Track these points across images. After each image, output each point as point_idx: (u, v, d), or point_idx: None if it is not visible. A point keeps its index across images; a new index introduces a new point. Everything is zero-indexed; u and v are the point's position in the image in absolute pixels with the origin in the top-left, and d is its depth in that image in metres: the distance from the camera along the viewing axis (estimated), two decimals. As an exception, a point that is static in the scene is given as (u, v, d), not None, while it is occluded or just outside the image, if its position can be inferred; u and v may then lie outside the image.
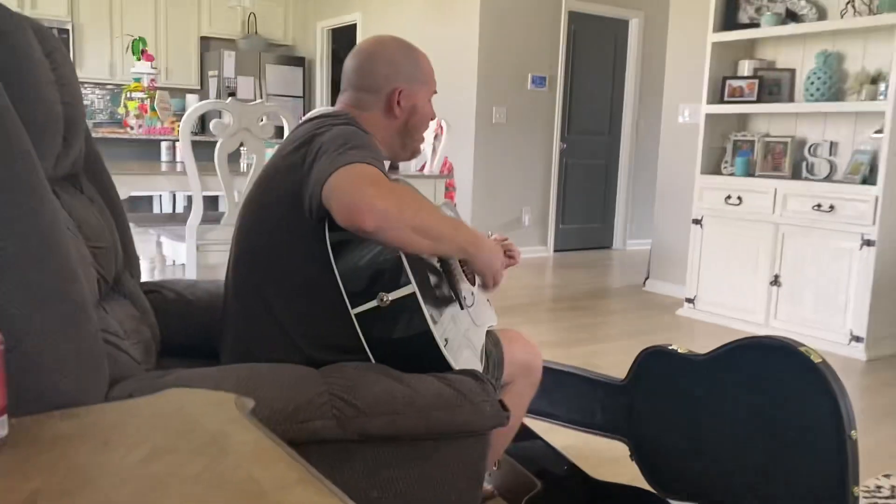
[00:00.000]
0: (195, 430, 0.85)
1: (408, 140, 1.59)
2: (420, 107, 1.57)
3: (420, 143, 1.63)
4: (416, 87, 1.55)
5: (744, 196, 4.24)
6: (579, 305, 4.76)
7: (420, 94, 1.57)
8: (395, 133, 1.56)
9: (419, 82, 1.56)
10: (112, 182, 1.65)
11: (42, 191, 1.01)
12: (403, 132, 1.57)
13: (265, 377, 1.19)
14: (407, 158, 1.65)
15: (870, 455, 2.51)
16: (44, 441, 0.81)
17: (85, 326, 1.03)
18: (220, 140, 3.12)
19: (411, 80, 1.54)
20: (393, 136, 1.56)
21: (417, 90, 1.56)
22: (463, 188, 6.39)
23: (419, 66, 1.57)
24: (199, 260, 3.26)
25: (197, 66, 8.42)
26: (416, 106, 1.56)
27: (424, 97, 1.58)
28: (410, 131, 1.58)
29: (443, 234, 1.31)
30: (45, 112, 1.17)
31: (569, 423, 2.06)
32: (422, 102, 1.57)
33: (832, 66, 3.98)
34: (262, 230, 1.43)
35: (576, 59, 6.87)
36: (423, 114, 1.58)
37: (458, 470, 1.28)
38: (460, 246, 1.36)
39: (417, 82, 1.56)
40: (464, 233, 1.37)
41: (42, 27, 1.27)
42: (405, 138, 1.58)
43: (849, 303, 3.78)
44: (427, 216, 1.28)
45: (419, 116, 1.57)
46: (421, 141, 1.63)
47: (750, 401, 1.61)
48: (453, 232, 1.34)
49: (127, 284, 1.56)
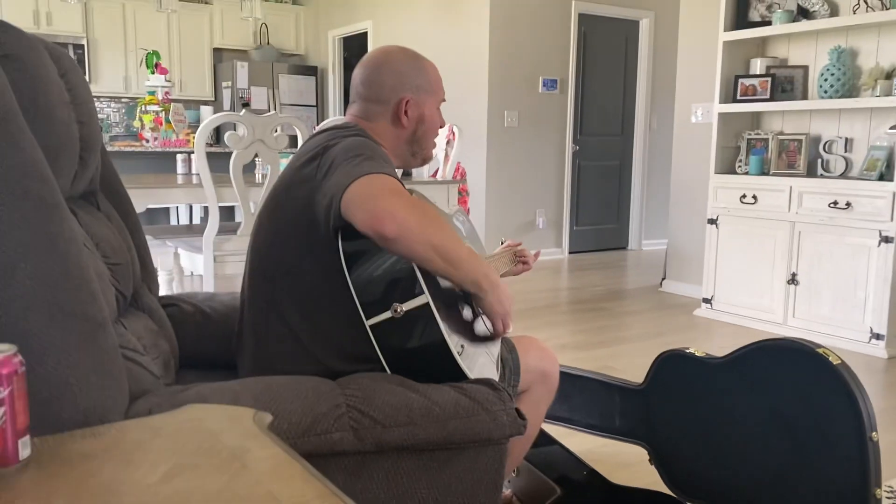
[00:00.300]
0: (215, 446, 0.86)
1: (417, 149, 1.60)
2: (428, 116, 1.58)
3: (430, 151, 1.64)
4: (423, 96, 1.56)
5: (759, 195, 4.21)
6: (596, 307, 4.75)
7: (428, 103, 1.58)
8: (404, 143, 1.57)
9: (426, 92, 1.57)
10: (128, 197, 1.67)
11: (60, 210, 1.03)
12: (412, 141, 1.58)
13: (282, 390, 1.20)
14: (418, 165, 1.66)
15: (893, 454, 2.48)
16: (67, 460, 0.82)
17: (104, 344, 1.04)
18: (235, 152, 3.14)
19: (418, 90, 1.55)
20: (402, 145, 1.57)
21: (425, 99, 1.57)
22: (476, 193, 6.39)
23: (426, 76, 1.58)
24: (216, 270, 3.29)
25: (210, 77, 8.49)
26: (423, 115, 1.57)
27: (432, 106, 1.59)
28: (419, 140, 1.59)
29: (460, 260, 1.31)
30: (61, 132, 1.19)
31: (587, 428, 2.06)
32: (430, 111, 1.58)
33: (845, 62, 3.95)
34: (276, 243, 1.45)
35: (587, 61, 6.86)
36: (431, 122, 1.59)
37: (476, 479, 1.28)
38: (474, 279, 1.35)
39: (424, 92, 1.57)
40: (482, 267, 1.37)
41: (56, 48, 1.29)
42: (414, 147, 1.59)
43: (868, 300, 3.75)
44: (448, 238, 1.29)
45: (427, 125, 1.58)
46: (432, 148, 1.64)
47: (768, 403, 1.60)
48: (470, 262, 1.34)
49: (145, 299, 1.58)
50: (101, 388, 1.02)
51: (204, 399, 1.17)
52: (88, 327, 1.02)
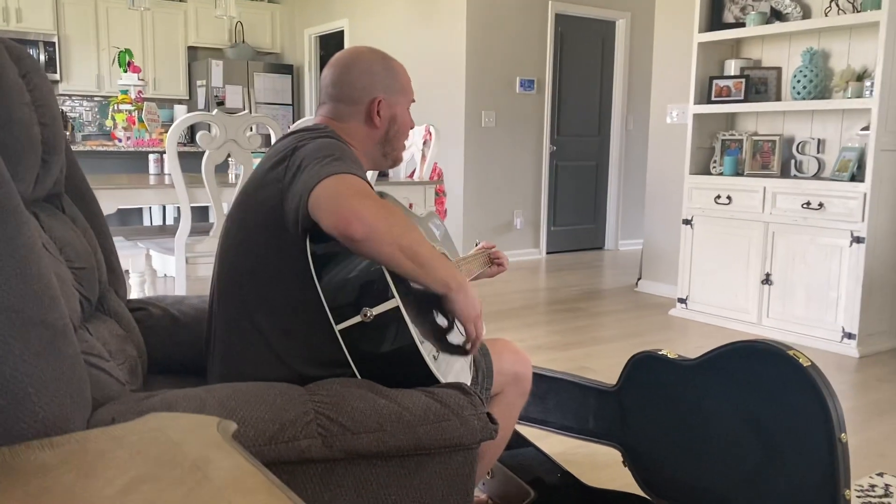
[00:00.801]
0: (177, 456, 0.84)
1: (388, 150, 1.59)
2: (400, 115, 1.57)
3: (401, 152, 1.63)
4: (394, 97, 1.55)
5: (733, 195, 4.24)
6: (572, 307, 4.76)
7: (399, 104, 1.57)
8: (377, 143, 1.56)
9: (397, 92, 1.56)
10: (95, 200, 1.64)
11: (18, 214, 1.00)
12: (384, 142, 1.57)
13: (249, 396, 1.18)
14: (388, 167, 1.65)
15: (862, 453, 2.51)
16: (23, 472, 0.79)
17: (65, 352, 1.02)
18: (208, 152, 3.11)
19: (389, 91, 1.54)
20: (374, 146, 1.56)
21: (396, 100, 1.56)
22: (453, 193, 6.39)
23: (396, 76, 1.57)
24: (188, 272, 3.25)
25: (185, 76, 8.41)
26: (395, 115, 1.56)
27: (404, 106, 1.58)
28: (391, 141, 1.58)
29: (429, 262, 1.30)
30: (20, 134, 1.16)
31: (561, 429, 2.06)
32: (401, 112, 1.58)
33: (818, 64, 3.99)
34: (245, 246, 1.43)
35: (564, 62, 6.88)
36: (402, 123, 1.58)
37: (447, 484, 1.27)
38: (443, 280, 1.33)
39: (396, 92, 1.56)
40: (450, 269, 1.36)
41: (17, 47, 1.26)
42: (386, 147, 1.58)
43: (840, 300, 3.79)
44: (415, 240, 1.28)
45: (399, 125, 1.57)
46: (402, 150, 1.63)
47: (740, 405, 1.60)
48: (439, 264, 1.32)
49: (112, 303, 1.55)
50: (62, 397, 0.99)
51: (170, 406, 1.15)
52: (48, 334, 1.00)
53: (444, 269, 1.34)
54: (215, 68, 8.05)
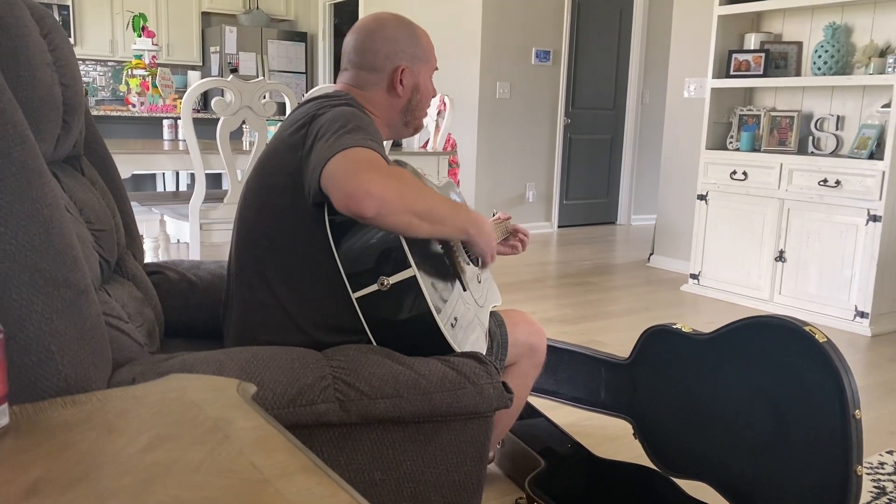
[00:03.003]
0: (197, 416, 0.84)
1: (410, 118, 1.58)
2: (423, 85, 1.56)
3: (422, 120, 1.62)
4: (418, 65, 1.54)
5: (749, 171, 4.21)
6: (584, 281, 4.75)
7: (423, 73, 1.55)
8: (399, 112, 1.55)
9: (421, 60, 1.55)
10: (113, 163, 1.64)
11: (41, 175, 1.01)
12: (406, 111, 1.56)
13: (268, 360, 1.19)
14: (410, 135, 1.64)
15: (873, 431, 2.51)
16: (46, 429, 0.81)
17: (87, 311, 1.03)
18: (222, 118, 3.10)
19: (413, 59, 1.53)
20: (396, 115, 1.55)
21: (420, 69, 1.54)
22: (466, 164, 6.36)
23: (420, 44, 1.55)
24: (202, 239, 3.26)
25: (198, 42, 8.36)
26: (418, 84, 1.55)
27: (426, 75, 1.57)
28: (413, 110, 1.57)
29: (444, 216, 1.30)
30: (43, 94, 1.16)
31: (573, 401, 2.07)
32: (424, 80, 1.56)
33: (840, 39, 3.93)
34: (264, 212, 1.43)
35: (580, 33, 6.80)
36: (425, 92, 1.57)
37: (461, 451, 1.28)
38: (461, 227, 1.36)
39: (419, 60, 1.54)
40: (464, 214, 1.36)
41: (39, 7, 1.25)
42: (407, 116, 1.57)
43: (854, 278, 3.77)
44: (427, 199, 1.27)
45: (422, 94, 1.56)
46: (423, 118, 1.62)
47: (753, 380, 1.61)
48: (454, 214, 1.33)
49: (130, 266, 1.56)
50: (84, 355, 1.00)
51: (188, 368, 1.16)
52: (71, 294, 1.00)
53: (459, 217, 1.35)
54: (229, 34, 8.00)
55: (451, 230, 1.35)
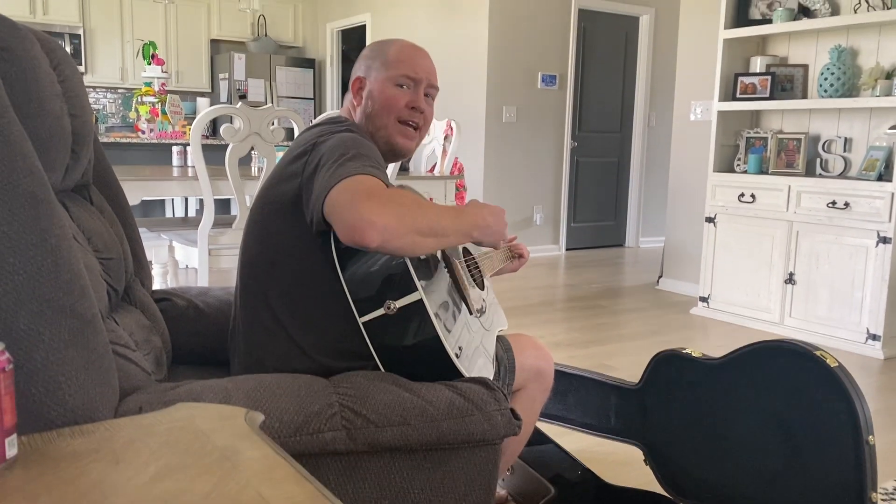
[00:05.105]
0: (205, 446, 0.84)
1: (372, 128, 1.52)
2: (376, 91, 1.52)
3: (391, 136, 1.53)
4: (372, 73, 1.55)
5: (757, 193, 4.20)
6: (592, 305, 4.74)
7: (378, 80, 1.53)
8: (365, 121, 1.54)
9: (377, 69, 1.54)
10: (122, 191, 1.65)
11: (50, 205, 1.01)
12: (367, 119, 1.54)
13: (274, 388, 1.18)
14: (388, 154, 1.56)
15: (888, 456, 2.48)
16: (54, 459, 0.80)
17: (94, 341, 1.03)
18: (231, 144, 3.12)
19: (369, 69, 1.55)
20: (365, 125, 1.54)
21: (376, 76, 1.54)
22: (474, 188, 6.38)
23: (381, 54, 1.55)
24: (211, 264, 3.27)
25: (207, 68, 8.45)
26: (372, 91, 1.53)
27: (383, 81, 1.53)
28: (372, 118, 1.53)
29: (446, 227, 1.31)
30: (52, 125, 1.17)
31: (583, 427, 2.05)
32: (379, 87, 1.52)
33: (846, 62, 3.94)
34: (268, 238, 1.43)
35: (586, 57, 6.84)
36: (380, 98, 1.52)
37: (470, 479, 1.27)
38: (465, 232, 1.37)
39: (375, 69, 1.54)
40: (466, 218, 1.37)
41: (48, 39, 1.27)
42: (369, 126, 1.53)
43: (865, 301, 3.74)
44: (428, 214, 1.28)
45: (375, 101, 1.52)
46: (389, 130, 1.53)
47: (765, 405, 1.59)
48: (456, 222, 1.34)
49: (138, 294, 1.56)
50: (91, 385, 1.00)
51: (195, 397, 1.15)
52: (78, 323, 1.01)
53: (462, 223, 1.36)
54: (238, 61, 8.09)
55: (456, 238, 1.36)
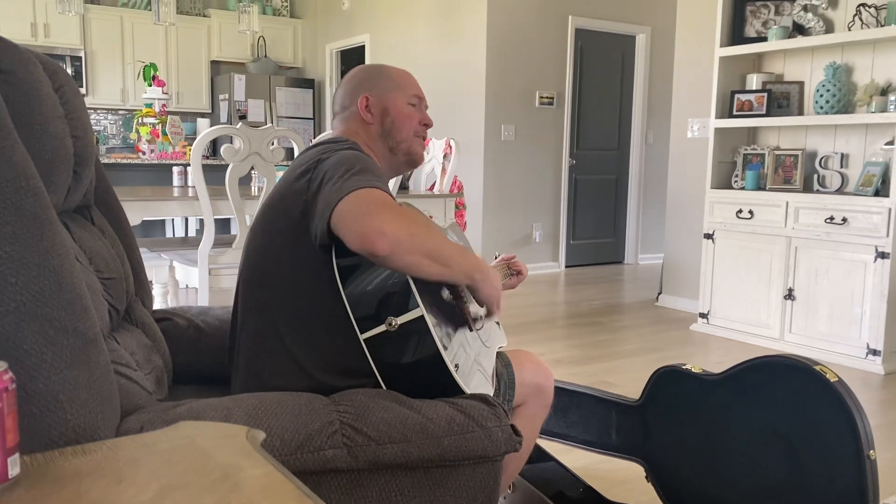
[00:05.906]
0: (207, 464, 0.84)
1: (392, 143, 1.57)
2: (393, 108, 1.57)
3: (412, 145, 1.60)
4: (384, 92, 1.57)
5: (755, 210, 4.22)
6: (592, 321, 4.74)
7: (391, 97, 1.57)
8: (377, 139, 1.57)
9: (387, 88, 1.58)
10: (123, 211, 1.66)
11: (52, 226, 1.02)
12: (383, 136, 1.57)
13: (275, 406, 1.19)
14: (405, 165, 1.62)
15: (890, 471, 2.47)
16: (57, 479, 0.81)
17: (96, 360, 1.03)
18: (231, 164, 3.14)
19: (377, 88, 1.57)
20: (376, 143, 1.57)
21: (386, 94, 1.57)
22: (473, 206, 6.39)
23: (384, 76, 1.60)
24: (211, 284, 3.28)
25: (208, 89, 8.50)
26: (387, 108, 1.57)
27: (397, 99, 1.58)
28: (390, 132, 1.57)
29: (453, 259, 1.31)
30: (55, 146, 1.19)
31: (583, 444, 2.05)
32: (395, 104, 1.57)
33: (841, 79, 3.97)
34: (269, 256, 1.44)
35: (584, 76, 6.89)
36: (397, 114, 1.57)
37: (471, 496, 1.27)
38: (468, 273, 1.36)
39: (385, 89, 1.58)
40: (471, 259, 1.37)
41: (50, 61, 1.28)
42: (388, 141, 1.57)
43: (864, 316, 3.75)
44: (438, 241, 1.29)
45: (393, 116, 1.57)
46: (411, 142, 1.59)
47: (766, 421, 1.59)
48: (462, 258, 1.34)
49: (139, 313, 1.57)
50: (93, 404, 1.01)
51: (196, 415, 1.16)
52: (80, 343, 1.01)
53: (467, 262, 1.36)
54: (238, 82, 8.14)
55: (459, 275, 1.35)
